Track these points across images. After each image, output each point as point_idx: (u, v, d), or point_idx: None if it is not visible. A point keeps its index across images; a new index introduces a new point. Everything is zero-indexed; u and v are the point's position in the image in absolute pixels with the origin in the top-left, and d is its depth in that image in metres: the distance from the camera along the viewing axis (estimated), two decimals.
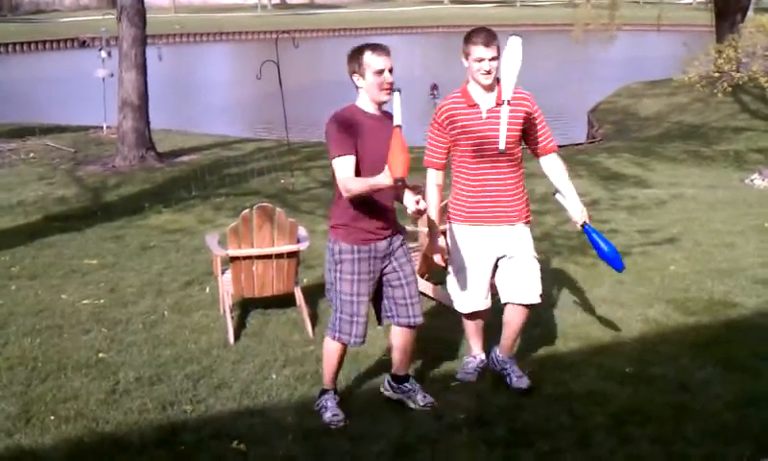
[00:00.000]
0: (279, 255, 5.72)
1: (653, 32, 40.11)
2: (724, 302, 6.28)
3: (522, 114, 4.59)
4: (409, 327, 4.54)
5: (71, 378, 5.06)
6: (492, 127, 4.51)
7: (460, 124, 4.58)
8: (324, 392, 4.61)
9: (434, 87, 12.05)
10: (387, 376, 4.77)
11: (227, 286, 5.87)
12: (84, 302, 6.47)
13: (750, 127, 16.85)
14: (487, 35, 4.50)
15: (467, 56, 4.53)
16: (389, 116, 4.17)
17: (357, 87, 4.28)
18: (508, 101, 4.46)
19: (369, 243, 4.32)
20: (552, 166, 4.78)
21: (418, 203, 4.02)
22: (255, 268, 5.71)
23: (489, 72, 4.48)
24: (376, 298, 4.56)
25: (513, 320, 4.83)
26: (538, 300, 4.76)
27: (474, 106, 4.57)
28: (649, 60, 30.37)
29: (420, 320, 4.54)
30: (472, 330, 5.00)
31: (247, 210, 5.70)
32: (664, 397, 4.71)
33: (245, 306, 6.17)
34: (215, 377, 5.06)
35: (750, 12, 23.65)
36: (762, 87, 12.44)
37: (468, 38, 4.52)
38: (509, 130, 4.49)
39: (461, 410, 4.57)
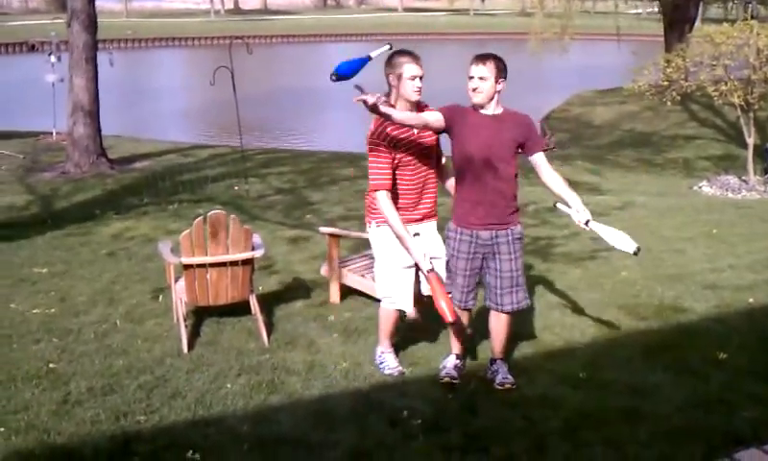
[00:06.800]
0: (234, 263, 5.66)
1: (603, 41, 40.64)
2: (674, 307, 6.39)
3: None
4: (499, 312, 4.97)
5: (21, 390, 4.96)
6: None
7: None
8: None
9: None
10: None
11: (180, 294, 5.80)
12: (35, 311, 6.35)
13: (698, 135, 17.20)
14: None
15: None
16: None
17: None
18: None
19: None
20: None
21: None
22: (209, 276, 5.65)
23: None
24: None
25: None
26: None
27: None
28: (600, 69, 30.78)
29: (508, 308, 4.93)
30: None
31: (200, 217, 5.64)
32: (617, 401, 4.78)
33: (199, 315, 6.11)
34: (169, 387, 5.00)
35: (697, 23, 24.17)
36: (710, 96, 12.70)
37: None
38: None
39: (416, 416, 4.58)
